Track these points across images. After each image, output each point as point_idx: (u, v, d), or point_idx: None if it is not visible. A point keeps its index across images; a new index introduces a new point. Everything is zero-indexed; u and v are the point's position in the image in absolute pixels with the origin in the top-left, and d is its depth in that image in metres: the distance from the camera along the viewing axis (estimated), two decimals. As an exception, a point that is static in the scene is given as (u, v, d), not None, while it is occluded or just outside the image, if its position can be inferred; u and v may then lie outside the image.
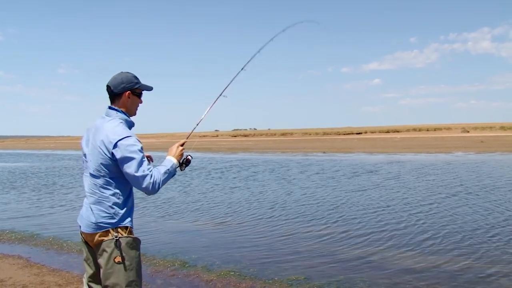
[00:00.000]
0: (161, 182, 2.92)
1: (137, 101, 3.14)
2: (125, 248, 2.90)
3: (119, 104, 3.06)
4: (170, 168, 3.03)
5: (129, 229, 2.97)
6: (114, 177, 2.91)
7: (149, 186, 2.84)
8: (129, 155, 2.82)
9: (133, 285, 2.91)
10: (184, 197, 13.20)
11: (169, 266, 6.53)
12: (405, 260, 6.58)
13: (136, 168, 2.82)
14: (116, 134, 2.86)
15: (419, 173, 18.77)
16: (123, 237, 2.91)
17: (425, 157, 29.48)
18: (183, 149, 3.22)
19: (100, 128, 2.95)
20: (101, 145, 2.87)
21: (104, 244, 2.90)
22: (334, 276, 5.93)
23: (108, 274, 2.89)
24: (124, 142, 2.84)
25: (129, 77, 3.07)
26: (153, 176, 2.86)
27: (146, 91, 3.22)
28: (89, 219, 2.94)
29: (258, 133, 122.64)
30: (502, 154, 29.60)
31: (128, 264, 2.90)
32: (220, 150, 46.31)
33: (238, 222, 9.61)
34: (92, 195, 2.94)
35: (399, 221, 9.17)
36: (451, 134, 74.65)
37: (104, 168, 2.89)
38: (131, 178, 2.85)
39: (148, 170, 2.86)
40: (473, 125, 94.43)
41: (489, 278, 5.70)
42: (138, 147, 2.87)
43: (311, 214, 10.20)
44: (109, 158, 2.86)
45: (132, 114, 3.14)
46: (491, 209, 10.16)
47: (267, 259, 6.81)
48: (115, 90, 3.03)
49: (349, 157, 31.56)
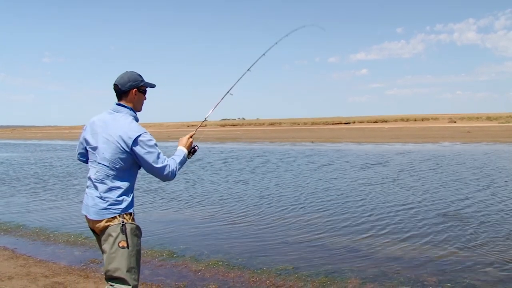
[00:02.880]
0: (177, 170, 3.27)
1: (142, 98, 3.38)
2: (129, 234, 3.08)
3: (126, 101, 3.27)
4: (182, 158, 3.37)
5: (132, 216, 3.18)
6: (127, 168, 3.15)
7: (169, 174, 3.17)
8: (149, 150, 3.09)
9: (133, 271, 3.07)
10: (172, 187, 13.15)
11: (157, 256, 6.50)
12: (393, 249, 6.62)
13: (157, 160, 3.11)
14: (134, 131, 3.10)
15: (412, 164, 18.89)
16: (129, 223, 3.10)
17: (413, 146, 29.66)
18: (192, 140, 3.55)
19: (112, 123, 3.15)
20: (119, 140, 3.07)
21: (110, 229, 3.06)
22: (322, 265, 5.94)
23: (111, 259, 3.04)
24: (142, 138, 3.08)
25: (134, 76, 3.29)
26: (170, 165, 3.18)
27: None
28: (97, 206, 3.10)
29: (247, 122, 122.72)
30: (488, 144, 29.87)
31: (131, 250, 3.06)
32: (208, 140, 46.17)
33: (226, 212, 9.60)
34: (103, 184, 3.12)
35: (388, 211, 9.21)
36: (438, 124, 75.21)
37: (121, 161, 3.10)
38: (152, 169, 3.13)
39: (166, 161, 3.18)
40: (460, 115, 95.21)
41: (475, 267, 5.74)
42: (154, 142, 3.15)
43: (300, 204, 10.22)
44: (126, 152, 3.08)
45: (138, 110, 3.37)
46: (481, 199, 10.26)
47: (256, 249, 6.80)
48: (123, 88, 3.24)
49: (338, 146, 31.65)
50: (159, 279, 5.55)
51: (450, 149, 26.21)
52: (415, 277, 5.42)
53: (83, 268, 5.97)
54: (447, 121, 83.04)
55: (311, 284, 5.28)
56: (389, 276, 5.48)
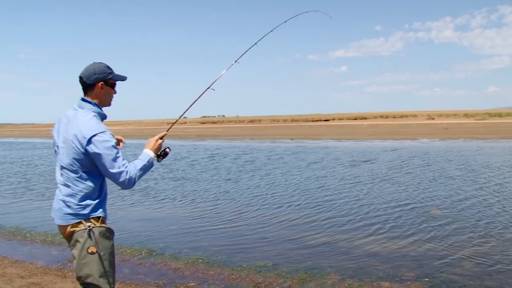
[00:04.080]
0: (137, 177, 2.92)
1: (111, 92, 3.08)
2: (98, 238, 2.88)
3: (92, 95, 2.99)
4: (146, 163, 3.02)
5: (102, 218, 2.95)
6: (87, 171, 2.88)
7: (125, 182, 2.85)
8: (105, 151, 2.80)
9: (107, 275, 2.89)
10: (152, 185, 13.06)
11: (136, 254, 6.45)
12: (372, 245, 6.68)
13: (112, 164, 2.81)
14: (90, 129, 2.81)
15: (394, 161, 19.07)
16: (96, 227, 2.89)
17: (392, 143, 29.96)
18: (162, 142, 3.21)
19: (72, 121, 2.91)
20: (74, 139, 2.83)
21: (76, 234, 2.87)
22: (302, 261, 5.97)
23: (81, 265, 2.87)
24: (98, 138, 2.80)
25: (101, 67, 3.00)
26: (128, 172, 2.86)
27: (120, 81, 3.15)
28: (61, 211, 2.91)
29: (227, 120, 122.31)
30: (465, 140, 30.33)
31: (102, 254, 2.89)
32: (188, 137, 45.93)
33: (206, 209, 9.57)
34: (65, 187, 2.91)
35: (366, 207, 9.29)
36: (417, 121, 76.01)
37: (77, 163, 2.85)
38: (108, 174, 2.85)
39: (124, 166, 2.85)
40: (438, 112, 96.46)
41: (452, 262, 5.84)
42: (112, 143, 2.84)
43: (279, 201, 10.24)
44: (82, 153, 2.83)
45: (106, 105, 3.09)
46: (456, 195, 10.42)
47: (235, 246, 6.80)
48: (88, 81, 2.97)
49: (318, 143, 31.79)
50: (138, 278, 5.51)
51: (428, 146, 26.54)
52: (394, 272, 5.48)
53: (61, 268, 5.89)
54: (426, 118, 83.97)
55: (291, 281, 5.30)
56: (368, 272, 5.54)
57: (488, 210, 8.63)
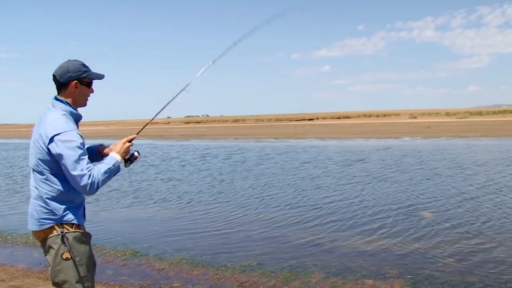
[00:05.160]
0: (101, 182, 2.71)
1: (86, 91, 2.93)
2: (73, 243, 2.78)
3: (65, 94, 2.85)
4: (112, 167, 2.81)
5: (76, 225, 2.82)
6: (54, 173, 2.74)
7: (86, 186, 2.64)
8: (67, 152, 2.63)
9: (84, 281, 2.80)
10: (135, 186, 12.96)
11: (119, 255, 6.40)
12: (356, 243, 6.73)
13: (73, 166, 2.63)
14: (54, 129, 2.67)
15: (375, 160, 19.21)
16: (70, 232, 2.78)
17: (375, 142, 30.19)
18: (131, 145, 3.01)
19: (42, 120, 2.79)
20: (39, 139, 2.71)
21: (49, 240, 2.78)
22: (286, 260, 5.99)
23: (56, 271, 2.78)
24: (61, 138, 2.65)
25: (76, 65, 2.85)
26: (91, 176, 2.65)
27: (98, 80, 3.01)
28: (32, 216, 2.82)
29: (211, 119, 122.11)
30: (447, 139, 30.68)
31: (78, 259, 2.78)
32: (172, 137, 45.71)
33: (190, 209, 9.54)
34: (34, 189, 2.81)
35: (350, 206, 9.35)
36: (399, 120, 76.74)
37: (42, 164, 2.74)
38: (69, 176, 2.67)
39: (87, 169, 2.65)
40: (421, 111, 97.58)
41: (434, 259, 5.91)
42: (76, 143, 2.67)
43: (263, 200, 10.25)
44: (47, 153, 2.70)
45: (81, 105, 2.95)
46: (440, 194, 10.54)
47: (220, 246, 6.79)
48: (61, 80, 2.83)
49: (302, 142, 31.89)
50: (122, 279, 5.48)
51: (411, 144, 26.80)
52: (377, 270, 5.53)
53: (43, 270, 5.80)
54: (408, 117, 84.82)
55: (275, 280, 5.31)
56: (352, 270, 5.58)
57: (470, 209, 8.75)
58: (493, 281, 5.11)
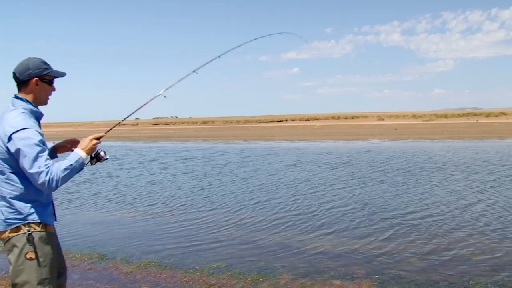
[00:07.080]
0: (60, 179, 2.67)
1: (48, 89, 2.91)
2: (38, 243, 2.74)
3: (26, 92, 2.83)
4: (74, 163, 2.76)
5: (43, 224, 2.79)
6: (16, 172, 2.72)
7: (44, 183, 2.62)
8: (25, 149, 2.60)
9: (46, 283, 2.76)
10: (101, 187, 12.75)
11: (86, 259, 6.29)
12: (324, 244, 6.79)
13: (31, 163, 2.60)
14: (12, 126, 2.65)
15: (340, 160, 19.42)
16: (36, 232, 2.75)
17: (343, 143, 30.55)
18: (98, 143, 2.96)
19: (2, 119, 2.76)
20: None
21: (14, 239, 2.74)
22: (255, 262, 5.99)
23: (18, 271, 2.72)
24: (19, 135, 2.62)
25: (36, 63, 2.83)
26: (50, 172, 2.62)
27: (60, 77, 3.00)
28: None
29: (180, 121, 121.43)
30: (414, 141, 31.31)
31: (42, 260, 2.74)
32: (140, 139, 45.22)
33: (157, 212, 9.44)
34: None
35: (317, 207, 9.43)
36: (368, 122, 77.94)
37: (3, 163, 2.73)
38: (28, 174, 2.64)
39: (45, 166, 2.62)
40: (388, 113, 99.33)
41: (400, 258, 6.02)
42: (34, 141, 2.64)
43: (231, 202, 10.23)
44: (6, 152, 2.68)
45: (42, 103, 2.92)
46: (405, 193, 10.74)
47: (188, 248, 6.75)
48: (21, 77, 2.81)
49: (271, 144, 32.00)
50: (89, 283, 5.38)
51: (378, 146, 27.23)
52: (345, 271, 5.59)
53: (5, 276, 5.65)
54: (376, 119, 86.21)
55: (244, 281, 5.31)
56: (320, 271, 5.62)
57: (434, 210, 8.95)
58: (456, 279, 5.24)
